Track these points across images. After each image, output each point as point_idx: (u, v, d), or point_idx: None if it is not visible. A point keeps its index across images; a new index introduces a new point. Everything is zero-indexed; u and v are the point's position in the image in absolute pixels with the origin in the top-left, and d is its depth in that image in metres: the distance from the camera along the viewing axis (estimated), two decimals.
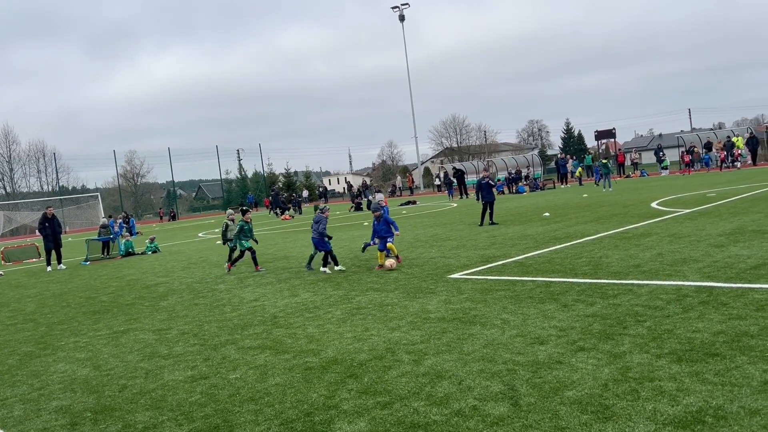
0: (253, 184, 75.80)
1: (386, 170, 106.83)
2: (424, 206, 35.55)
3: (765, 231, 11.38)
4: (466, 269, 11.00)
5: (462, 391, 5.04)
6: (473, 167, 65.16)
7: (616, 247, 11.52)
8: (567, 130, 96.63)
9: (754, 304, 6.58)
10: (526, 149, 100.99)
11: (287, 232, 26.40)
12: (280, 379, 5.91)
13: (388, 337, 6.98)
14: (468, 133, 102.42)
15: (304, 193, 63.07)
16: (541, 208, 22.91)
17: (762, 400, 4.23)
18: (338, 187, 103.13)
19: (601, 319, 6.70)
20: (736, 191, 21.13)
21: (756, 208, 15.24)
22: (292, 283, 11.70)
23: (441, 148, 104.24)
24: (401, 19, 64.59)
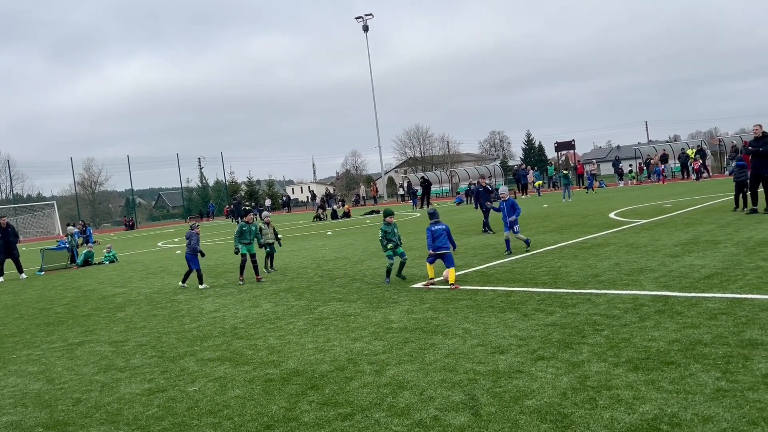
0: (215, 192, 74.96)
1: (350, 179, 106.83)
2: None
3: (718, 241, 11.71)
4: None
5: (423, 402, 5.04)
6: (436, 177, 65.61)
7: (575, 257, 11.71)
8: (528, 141, 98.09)
9: (708, 313, 6.75)
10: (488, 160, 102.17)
11: None
12: (239, 392, 5.82)
13: (351, 347, 6.95)
14: (431, 144, 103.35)
15: (266, 201, 62.57)
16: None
17: (714, 407, 4.33)
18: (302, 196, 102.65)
19: (560, 329, 6.79)
20: (690, 202, 21.71)
21: (709, 219, 15.68)
22: (253, 293, 11.58)
23: (405, 158, 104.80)
24: (365, 29, 64.85)
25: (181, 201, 77.06)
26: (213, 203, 68.93)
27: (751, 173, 15.84)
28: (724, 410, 4.26)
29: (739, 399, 4.41)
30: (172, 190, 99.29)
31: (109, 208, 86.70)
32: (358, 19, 64.97)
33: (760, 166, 15.59)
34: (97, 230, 60.64)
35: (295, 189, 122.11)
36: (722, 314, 6.63)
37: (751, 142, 16.11)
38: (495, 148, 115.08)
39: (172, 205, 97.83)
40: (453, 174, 67.12)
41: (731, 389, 4.60)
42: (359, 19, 64.87)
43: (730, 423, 4.07)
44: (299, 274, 13.49)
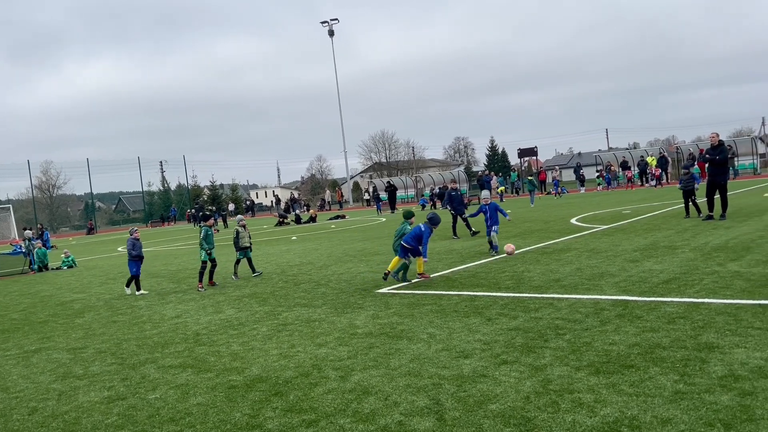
0: (177, 196, 73.90)
1: (315, 184, 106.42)
2: (354, 221, 35.57)
3: (676, 247, 12.00)
4: (394, 284, 11.04)
5: (388, 407, 5.04)
6: (401, 182, 65.81)
7: (538, 262, 11.85)
8: (492, 147, 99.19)
9: (666, 317, 6.90)
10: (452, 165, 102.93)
11: None
12: (202, 399, 5.74)
13: (315, 353, 6.91)
14: (396, 149, 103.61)
15: (230, 206, 61.92)
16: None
17: (673, 409, 4.43)
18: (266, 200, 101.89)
19: (523, 333, 6.86)
20: (649, 209, 22.19)
21: (668, 225, 16.05)
22: (216, 299, 11.43)
23: (370, 163, 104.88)
24: (330, 34, 64.80)
25: (142, 205, 75.76)
26: (175, 207, 67.93)
27: (708, 180, 16.27)
28: (682, 412, 4.36)
29: (696, 401, 4.52)
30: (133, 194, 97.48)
31: (67, 212, 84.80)
32: (323, 23, 64.92)
33: (716, 174, 16.05)
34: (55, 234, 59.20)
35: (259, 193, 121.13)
36: (680, 318, 6.79)
37: (707, 150, 16.57)
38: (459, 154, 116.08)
39: (133, 209, 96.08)
40: (418, 179, 67.41)
41: (689, 392, 4.71)
42: (325, 23, 64.82)
43: (688, 425, 4.16)
44: (263, 280, 13.37)
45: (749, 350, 5.51)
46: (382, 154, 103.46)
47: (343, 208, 56.90)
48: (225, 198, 73.81)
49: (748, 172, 45.09)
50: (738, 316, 6.62)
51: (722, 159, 15.88)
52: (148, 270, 17.73)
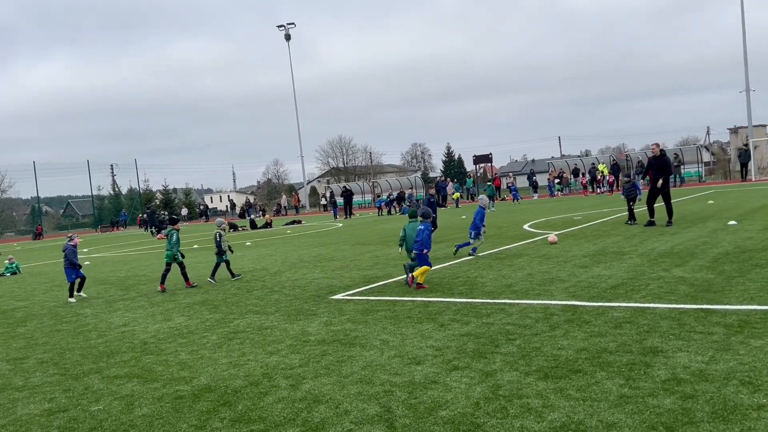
0: (128, 201, 72.26)
1: (271, 189, 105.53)
2: (310, 226, 35.37)
3: (624, 252, 12.28)
4: (348, 290, 11.01)
5: (339, 415, 5.00)
6: (359, 188, 65.81)
7: (491, 268, 11.98)
8: (448, 153, 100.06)
9: (613, 322, 7.04)
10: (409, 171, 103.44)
11: (163, 251, 25.24)
12: (147, 410, 5.59)
13: (266, 361, 6.82)
14: (354, 154, 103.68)
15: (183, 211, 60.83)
16: None
17: (618, 413, 4.51)
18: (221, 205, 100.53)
19: (475, 338, 6.91)
20: (599, 215, 22.70)
21: (616, 231, 16.43)
22: (165, 306, 11.18)
23: (327, 168, 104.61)
24: (287, 38, 64.43)
25: (92, 209, 73.81)
26: (125, 212, 66.40)
27: (650, 188, 16.74)
28: (627, 416, 4.44)
29: (641, 405, 4.61)
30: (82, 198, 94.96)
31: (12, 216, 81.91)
32: (280, 27, 64.47)
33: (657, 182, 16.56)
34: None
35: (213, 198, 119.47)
36: (626, 323, 6.94)
37: (651, 159, 17.09)
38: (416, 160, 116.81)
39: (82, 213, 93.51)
40: (375, 185, 67.51)
41: (633, 395, 4.81)
42: (281, 27, 64.39)
43: (632, 428, 4.24)
44: (215, 286, 13.15)
45: (691, 354, 5.66)
46: (340, 160, 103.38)
47: (299, 213, 56.52)
48: (178, 203, 72.52)
49: (694, 180, 46.59)
50: (681, 321, 6.80)
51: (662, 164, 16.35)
52: (96, 276, 17.25)
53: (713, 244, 12.19)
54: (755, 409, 4.36)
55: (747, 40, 45.84)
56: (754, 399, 4.53)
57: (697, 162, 48.50)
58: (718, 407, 4.45)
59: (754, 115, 50.40)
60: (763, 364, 5.22)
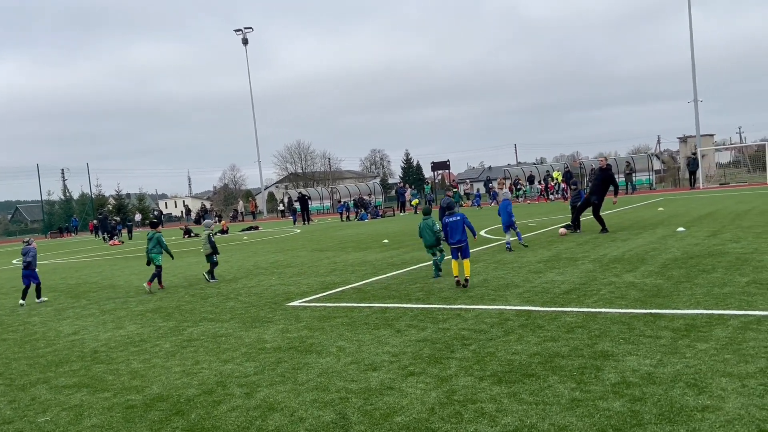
0: (79, 206, 70.44)
1: (228, 194, 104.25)
2: (267, 232, 35.04)
3: (577, 258, 12.53)
4: (305, 297, 10.95)
5: (294, 423, 4.96)
6: (317, 193, 65.56)
7: (447, 273, 12.06)
8: (407, 160, 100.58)
9: (566, 327, 7.17)
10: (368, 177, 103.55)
11: (115, 258, 24.73)
12: (96, 420, 5.45)
13: (220, 369, 6.72)
14: (313, 160, 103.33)
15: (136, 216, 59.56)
16: (380, 235, 23.50)
17: (569, 416, 4.59)
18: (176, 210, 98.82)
19: (431, 344, 6.95)
20: (554, 221, 23.09)
21: (570, 237, 16.75)
22: (117, 314, 10.93)
23: (285, 174, 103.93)
24: (244, 42, 63.85)
25: (41, 215, 71.70)
26: (77, 218, 64.70)
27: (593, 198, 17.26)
28: (577, 419, 4.53)
29: (591, 408, 4.71)
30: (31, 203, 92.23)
31: None
32: (237, 31, 63.87)
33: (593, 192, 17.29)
34: None
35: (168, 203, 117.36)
36: (579, 327, 7.08)
37: (597, 171, 17.75)
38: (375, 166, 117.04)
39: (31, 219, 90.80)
40: (334, 190, 67.35)
41: (584, 399, 4.91)
42: (239, 32, 63.79)
43: (582, 431, 4.32)
44: (169, 294, 12.91)
45: (640, 357, 5.81)
46: (298, 165, 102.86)
47: (256, 219, 55.95)
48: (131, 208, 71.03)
49: (645, 187, 47.83)
50: (631, 325, 6.98)
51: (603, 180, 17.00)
52: (45, 284, 16.73)
53: (662, 250, 12.54)
54: (700, 411, 4.49)
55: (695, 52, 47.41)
56: (699, 401, 4.68)
57: (648, 170, 49.82)
58: (665, 409, 4.57)
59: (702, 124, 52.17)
60: (708, 367, 5.39)
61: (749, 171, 54.48)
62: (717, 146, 67.90)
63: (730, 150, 71.57)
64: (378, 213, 42.66)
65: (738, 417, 4.33)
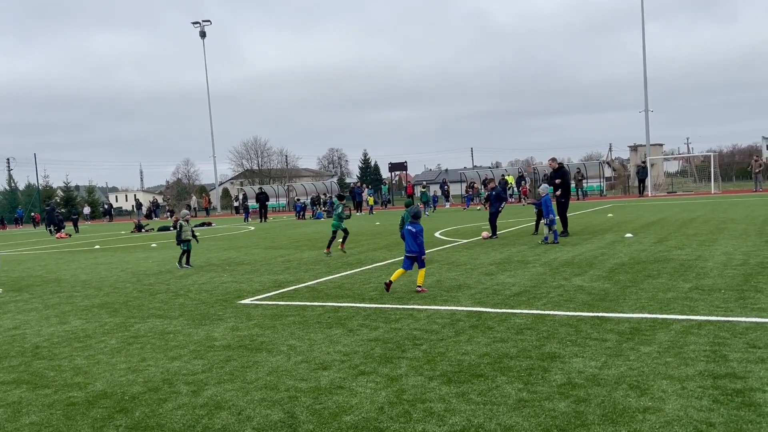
0: (25, 197, 68.18)
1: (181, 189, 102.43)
2: (220, 228, 34.56)
3: (528, 261, 12.73)
4: (257, 294, 10.83)
5: (241, 422, 4.90)
6: (273, 191, 64.97)
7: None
8: (365, 160, 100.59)
9: (515, 328, 7.28)
10: (326, 176, 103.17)
11: (61, 251, 24.01)
12: (36, 417, 5.27)
13: (167, 367, 6.59)
14: (269, 157, 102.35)
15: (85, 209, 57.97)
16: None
17: (516, 416, 4.66)
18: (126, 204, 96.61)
19: (382, 343, 6.96)
20: (506, 224, 23.41)
21: (521, 240, 17.02)
22: (61, 309, 10.60)
23: (241, 170, 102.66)
24: (202, 35, 62.86)
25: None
26: (22, 209, 62.61)
27: (557, 200, 17.53)
28: (524, 419, 4.59)
29: (537, 408, 4.79)
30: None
31: None
32: (195, 24, 62.85)
33: (562, 195, 17.46)
34: None
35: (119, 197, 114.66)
36: (527, 329, 7.19)
37: (550, 174, 18.01)
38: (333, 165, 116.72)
39: None
40: (290, 188, 66.88)
41: (531, 399, 4.98)
42: (197, 24, 62.78)
43: (528, 431, 4.39)
44: (116, 289, 12.60)
45: (586, 359, 5.93)
46: (254, 162, 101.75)
47: (210, 215, 55.10)
48: (80, 201, 69.12)
49: (595, 194, 48.96)
50: (578, 328, 7.12)
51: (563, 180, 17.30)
52: None
53: (611, 255, 12.85)
54: (641, 412, 4.61)
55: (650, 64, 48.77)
56: (641, 402, 4.80)
57: (599, 177, 51.03)
58: (608, 410, 4.68)
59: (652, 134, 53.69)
60: (651, 369, 5.54)
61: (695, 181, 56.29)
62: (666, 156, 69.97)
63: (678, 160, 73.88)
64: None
65: (677, 418, 4.46)
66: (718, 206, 27.08)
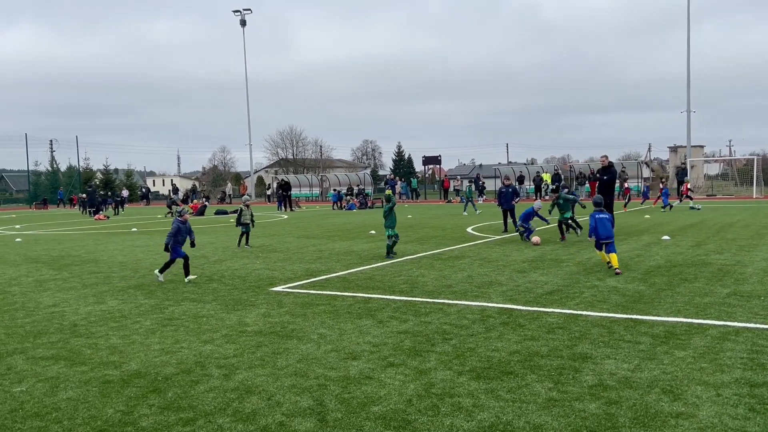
0: (66, 178, 69.82)
1: (217, 175, 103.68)
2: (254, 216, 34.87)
3: (561, 260, 12.59)
4: (289, 282, 10.93)
5: (270, 407, 4.96)
6: (307, 180, 65.38)
7: (432, 267, 12.10)
8: (398, 153, 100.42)
9: (546, 327, 7.21)
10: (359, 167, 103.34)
11: (99, 233, 24.55)
12: (72, 393, 5.42)
13: (200, 350, 6.70)
14: (304, 146, 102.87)
15: (124, 192, 59.10)
16: (368, 226, 23.49)
17: (545, 415, 4.63)
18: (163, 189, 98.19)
19: (412, 336, 6.97)
20: (539, 222, 23.15)
21: (554, 239, 16.82)
22: (99, 289, 10.86)
23: (276, 158, 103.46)
24: (242, 24, 63.27)
25: (27, 185, 70.99)
26: (62, 190, 64.11)
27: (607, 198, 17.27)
28: (553, 419, 4.56)
29: (567, 408, 4.75)
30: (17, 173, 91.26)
31: None
32: (236, 12, 63.28)
33: (605, 194, 17.11)
34: None
35: (156, 181, 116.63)
36: (559, 328, 7.12)
37: (598, 170, 17.65)
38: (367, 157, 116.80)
39: (17, 188, 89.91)
40: (324, 178, 67.21)
41: (561, 399, 4.94)
42: (237, 13, 63.21)
43: (557, 431, 4.36)
44: (152, 271, 12.83)
45: (618, 361, 5.85)
46: (289, 151, 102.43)
47: None
48: (119, 184, 70.50)
49: (633, 195, 48.12)
50: (611, 329, 7.03)
51: (610, 179, 16.92)
52: (27, 254, 16.62)
53: (646, 257, 12.63)
54: (674, 417, 4.54)
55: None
56: (673, 407, 4.73)
57: (637, 177, 50.12)
58: (639, 413, 4.61)
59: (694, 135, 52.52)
60: (685, 374, 5.44)
61: (736, 184, 54.93)
62: (706, 158, 68.40)
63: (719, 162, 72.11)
64: (366, 203, 42.55)
65: (711, 425, 4.38)
66: (759, 211, 26.39)
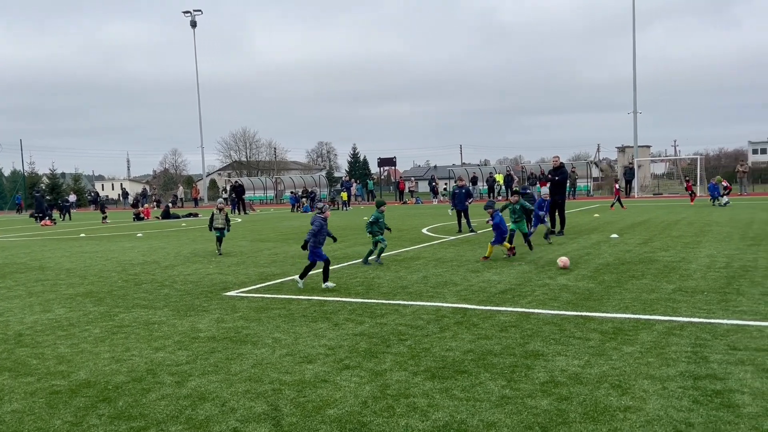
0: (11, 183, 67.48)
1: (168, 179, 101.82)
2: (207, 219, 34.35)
3: (513, 259, 12.80)
4: (243, 287, 10.81)
5: (224, 413, 4.90)
6: (261, 183, 64.75)
7: (388, 269, 12.14)
8: (354, 154, 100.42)
9: (500, 325, 7.33)
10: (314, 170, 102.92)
11: (46, 239, 23.82)
12: (18, 405, 5.24)
13: (151, 357, 6.57)
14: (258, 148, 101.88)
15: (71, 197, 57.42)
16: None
17: (498, 413, 4.70)
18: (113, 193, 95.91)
19: (368, 338, 6.98)
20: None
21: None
22: (45, 296, 10.53)
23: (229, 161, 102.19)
24: (192, 25, 62.24)
25: None
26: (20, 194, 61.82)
27: (549, 200, 17.60)
28: (506, 416, 4.63)
29: (519, 405, 4.83)
30: None
31: None
32: (186, 13, 62.21)
33: (556, 193, 17.48)
34: None
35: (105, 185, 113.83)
36: (512, 327, 7.24)
37: (549, 170, 18.02)
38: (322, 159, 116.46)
39: None
40: (278, 181, 66.68)
41: (513, 396, 5.03)
42: (187, 14, 62.15)
43: (510, 428, 4.43)
44: (101, 278, 12.52)
45: (569, 358, 5.99)
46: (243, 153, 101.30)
47: (198, 206, 54.82)
48: (66, 188, 68.52)
49: (582, 194, 49.21)
50: (562, 326, 7.18)
51: (562, 179, 17.31)
52: None
53: (596, 255, 12.95)
54: (622, 411, 4.67)
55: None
56: (622, 401, 4.86)
57: (587, 177, 51.28)
58: (589, 408, 4.73)
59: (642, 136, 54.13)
60: (632, 369, 5.60)
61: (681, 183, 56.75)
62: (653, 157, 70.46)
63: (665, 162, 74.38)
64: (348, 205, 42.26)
65: (657, 418, 4.52)
66: (702, 209, 27.33)
